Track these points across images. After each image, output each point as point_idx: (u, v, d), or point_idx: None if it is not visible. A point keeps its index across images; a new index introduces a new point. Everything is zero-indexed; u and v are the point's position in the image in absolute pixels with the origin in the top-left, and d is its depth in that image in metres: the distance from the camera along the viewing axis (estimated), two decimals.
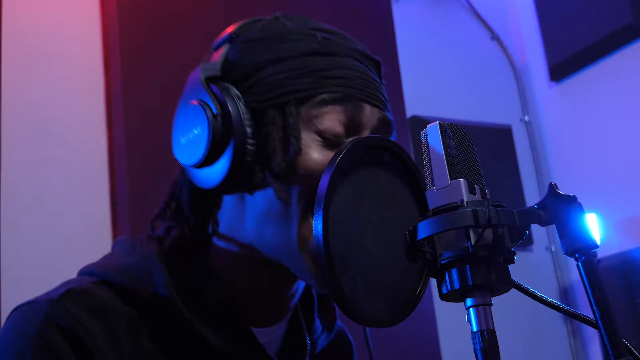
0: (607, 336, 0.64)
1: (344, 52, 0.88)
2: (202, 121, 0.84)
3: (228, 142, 0.83)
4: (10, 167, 2.08)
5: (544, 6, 3.39)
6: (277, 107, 0.85)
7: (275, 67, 0.86)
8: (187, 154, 0.86)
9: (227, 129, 0.83)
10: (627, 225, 3.05)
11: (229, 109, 0.84)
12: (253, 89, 0.86)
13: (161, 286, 0.86)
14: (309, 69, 0.86)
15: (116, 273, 0.88)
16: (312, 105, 0.85)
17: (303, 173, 0.84)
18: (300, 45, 0.87)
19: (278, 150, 0.84)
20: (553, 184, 0.69)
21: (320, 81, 0.85)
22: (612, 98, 3.17)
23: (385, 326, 0.78)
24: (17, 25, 2.22)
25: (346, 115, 0.85)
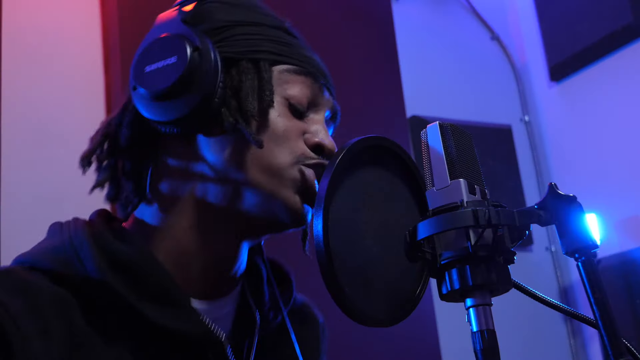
0: (607, 336, 0.64)
1: (302, 40, 0.95)
2: (180, 51, 0.83)
3: (201, 76, 0.83)
4: (10, 167, 2.08)
5: (544, 6, 3.39)
6: (251, 61, 0.87)
7: (248, 29, 0.89)
8: (151, 81, 0.84)
9: (202, 64, 0.83)
10: (627, 225, 3.05)
11: (209, 47, 0.84)
12: (226, 42, 0.88)
13: (90, 263, 0.81)
14: (279, 39, 0.90)
15: (43, 256, 0.84)
16: (284, 70, 0.89)
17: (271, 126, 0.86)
18: (271, 20, 0.93)
19: (250, 96, 0.85)
20: (553, 184, 0.69)
21: (292, 52, 0.90)
22: (612, 98, 3.17)
23: (385, 326, 0.78)
24: (17, 25, 2.22)
25: (310, 91, 0.91)
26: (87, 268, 0.81)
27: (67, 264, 0.82)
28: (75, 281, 0.81)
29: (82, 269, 0.81)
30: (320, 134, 0.90)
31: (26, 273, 0.82)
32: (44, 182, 2.15)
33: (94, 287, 0.81)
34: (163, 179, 0.90)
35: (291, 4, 2.62)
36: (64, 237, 0.86)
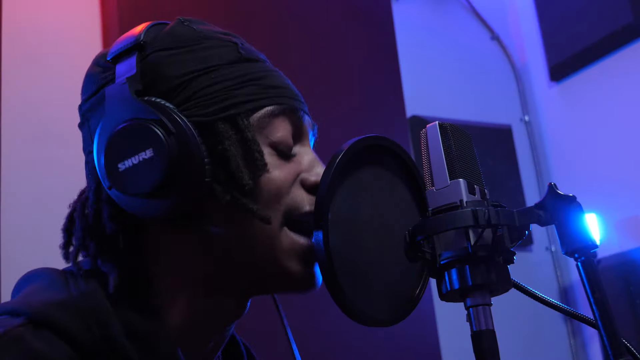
0: (607, 336, 0.64)
1: (260, 57, 0.86)
2: (155, 142, 0.74)
3: (186, 164, 0.74)
4: (10, 167, 2.08)
5: (544, 6, 3.39)
6: (226, 120, 0.78)
7: (208, 78, 0.79)
8: (131, 182, 0.75)
9: (183, 149, 0.74)
10: (627, 225, 3.05)
11: (180, 126, 0.74)
12: (189, 103, 0.78)
13: (113, 329, 0.74)
14: (245, 77, 0.81)
15: (49, 311, 0.74)
16: (261, 116, 0.80)
17: (271, 186, 0.79)
18: (224, 52, 0.82)
19: (241, 167, 0.77)
20: (553, 184, 0.69)
21: (263, 91, 0.81)
22: (612, 98, 3.17)
23: (385, 326, 0.79)
24: (17, 25, 2.22)
25: (292, 126, 0.83)
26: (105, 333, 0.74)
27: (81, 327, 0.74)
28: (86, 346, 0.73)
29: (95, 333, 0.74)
30: (315, 169, 0.83)
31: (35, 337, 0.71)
32: (44, 182, 2.15)
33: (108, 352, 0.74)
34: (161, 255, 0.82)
35: (291, 4, 2.63)
36: (72, 292, 0.77)
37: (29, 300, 0.76)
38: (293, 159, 0.84)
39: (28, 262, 2.28)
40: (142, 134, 0.75)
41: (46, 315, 0.73)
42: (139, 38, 0.81)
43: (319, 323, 2.00)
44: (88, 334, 0.73)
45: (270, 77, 0.83)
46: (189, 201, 0.76)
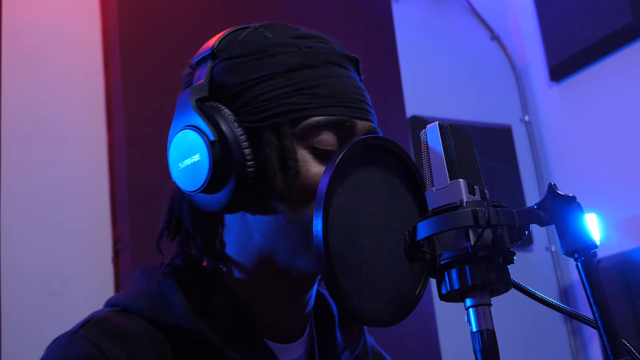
0: (607, 336, 0.64)
1: (328, 60, 0.90)
2: (201, 148, 0.84)
3: (229, 168, 0.84)
4: (10, 167, 2.08)
5: (544, 6, 3.39)
6: (272, 127, 0.85)
7: (263, 86, 0.86)
8: (187, 180, 0.86)
9: (226, 154, 0.84)
10: (627, 225, 3.05)
11: (225, 134, 0.84)
12: (244, 109, 0.86)
13: (179, 307, 0.86)
14: (297, 86, 0.86)
15: (134, 299, 0.89)
16: (305, 126, 0.86)
17: (302, 190, 0.85)
18: (285, 58, 0.88)
19: (277, 173, 0.84)
20: (552, 184, 0.69)
21: (311, 100, 0.86)
22: (612, 98, 3.17)
23: (386, 326, 0.79)
24: (17, 25, 2.22)
25: (339, 133, 0.87)
26: (177, 313, 0.86)
27: (158, 308, 0.87)
28: (166, 324, 0.86)
29: (172, 314, 0.87)
30: None
31: (120, 317, 0.87)
32: (43, 182, 2.15)
33: (184, 331, 0.86)
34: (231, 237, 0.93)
35: (291, 5, 2.63)
36: (152, 282, 0.91)
37: (122, 293, 0.94)
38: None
39: (28, 262, 2.29)
40: (191, 141, 0.85)
41: (131, 303, 0.90)
42: (214, 47, 0.90)
43: None
44: (163, 314, 0.87)
45: (327, 85, 0.88)
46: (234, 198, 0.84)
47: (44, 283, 2.03)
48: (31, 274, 2.03)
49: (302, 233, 0.85)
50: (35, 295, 2.02)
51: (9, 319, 1.93)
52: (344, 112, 0.87)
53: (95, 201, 2.20)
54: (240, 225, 0.91)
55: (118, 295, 0.93)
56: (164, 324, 0.86)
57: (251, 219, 0.89)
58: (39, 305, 2.02)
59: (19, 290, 1.99)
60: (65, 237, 2.12)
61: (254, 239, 0.89)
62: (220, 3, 2.40)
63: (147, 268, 0.95)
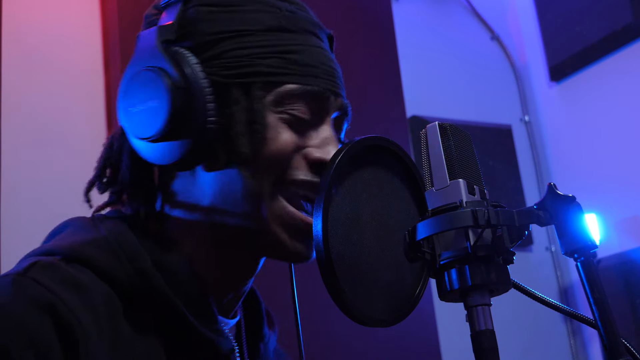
0: (607, 336, 0.64)
1: (307, 28, 0.86)
2: (161, 92, 0.77)
3: (189, 119, 0.78)
4: (10, 167, 2.08)
5: (544, 6, 3.38)
6: (242, 86, 0.81)
7: (239, 41, 0.81)
8: (138, 125, 0.79)
9: (188, 104, 0.77)
10: (627, 225, 3.05)
11: (190, 82, 0.78)
12: (214, 61, 0.81)
13: (140, 262, 0.78)
14: (275, 48, 0.82)
15: (81, 249, 0.78)
16: (279, 93, 0.82)
17: (269, 156, 0.81)
18: (265, 17, 0.83)
19: (243, 134, 0.79)
20: (552, 184, 0.69)
21: (287, 65, 0.82)
22: (612, 98, 3.17)
23: (385, 326, 0.79)
24: (17, 25, 2.22)
25: (313, 104, 0.84)
26: (137, 267, 0.78)
27: (112, 260, 0.78)
28: (118, 278, 0.77)
29: (129, 267, 0.77)
30: (327, 147, 0.84)
31: (68, 266, 0.75)
32: (44, 182, 2.15)
33: (139, 287, 0.77)
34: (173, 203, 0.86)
35: None
36: (101, 232, 0.81)
37: (60, 243, 0.80)
38: (305, 132, 0.84)
39: None
40: (154, 82, 0.78)
41: (79, 252, 0.77)
42: None
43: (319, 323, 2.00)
44: (121, 268, 0.77)
45: (304, 53, 0.84)
46: (189, 153, 0.78)
47: None
48: None
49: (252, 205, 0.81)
50: None
51: None
52: (320, 84, 0.84)
53: (95, 201, 2.19)
54: (189, 183, 0.84)
55: (52, 245, 0.81)
56: (118, 278, 0.76)
57: (204, 179, 0.83)
58: None
59: None
60: None
61: (202, 202, 0.83)
62: None
63: (82, 218, 0.85)
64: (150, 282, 0.78)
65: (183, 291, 0.80)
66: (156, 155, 0.80)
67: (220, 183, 0.82)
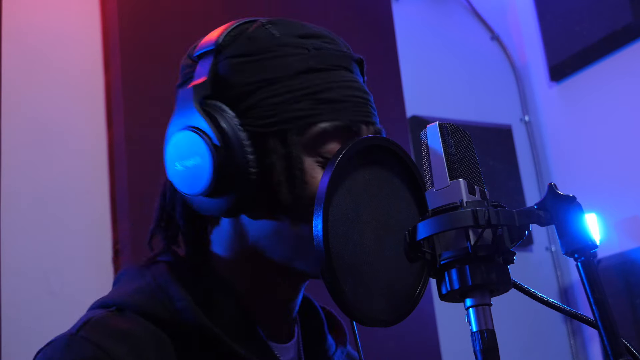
0: (607, 336, 0.64)
1: (336, 63, 0.87)
2: (203, 153, 0.81)
3: (231, 174, 0.81)
4: (10, 167, 2.08)
5: (544, 6, 3.39)
6: (278, 134, 0.83)
7: (270, 89, 0.83)
8: (185, 181, 0.83)
9: (230, 160, 0.81)
10: (627, 225, 3.05)
11: (230, 139, 0.81)
12: (249, 112, 0.83)
13: (180, 301, 0.83)
14: (305, 90, 0.83)
15: (130, 297, 0.84)
16: (312, 133, 0.83)
17: (311, 200, 0.81)
18: (293, 61, 0.85)
19: (283, 182, 0.82)
20: (552, 184, 0.69)
21: (318, 106, 0.83)
22: (612, 98, 3.17)
23: (386, 326, 0.79)
24: (17, 25, 2.22)
25: (345, 137, 0.85)
26: (179, 307, 0.82)
27: (157, 304, 0.83)
28: (167, 320, 0.82)
29: (173, 309, 0.82)
30: None
31: (118, 317, 0.82)
32: (43, 182, 2.15)
33: (186, 326, 0.82)
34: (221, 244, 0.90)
35: (292, 5, 2.63)
36: (146, 278, 0.86)
37: (114, 294, 0.87)
38: None
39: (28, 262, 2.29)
40: (195, 142, 0.82)
41: (127, 302, 0.84)
42: (218, 41, 0.85)
43: None
44: (165, 311, 0.82)
45: (334, 90, 0.85)
46: (233, 205, 0.82)
47: (44, 283, 2.03)
48: (31, 274, 2.03)
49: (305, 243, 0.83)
50: (35, 295, 2.02)
51: (9, 319, 1.93)
52: (350, 116, 0.85)
53: (95, 201, 2.20)
54: (235, 225, 0.88)
55: (109, 296, 0.87)
56: (165, 320, 0.82)
57: (248, 222, 0.86)
58: (39, 305, 2.02)
59: (19, 290, 1.99)
60: (65, 237, 2.12)
61: (247, 238, 0.87)
62: (221, 3, 2.40)
63: (135, 267, 0.90)
64: (193, 318, 0.82)
65: (230, 325, 0.84)
66: (203, 208, 0.84)
67: (265, 227, 0.85)
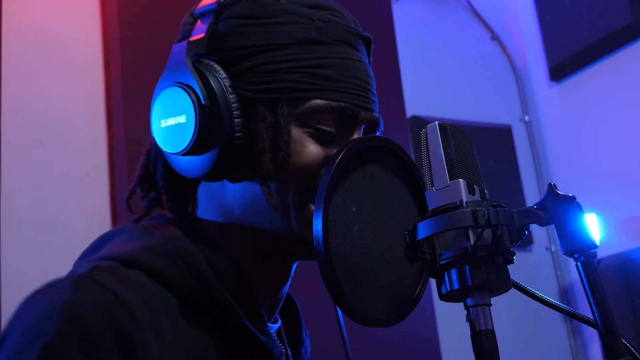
0: (607, 336, 0.64)
1: (340, 38, 0.84)
2: (188, 110, 0.79)
3: (215, 136, 0.79)
4: (10, 167, 2.08)
5: (544, 6, 3.39)
6: (268, 102, 0.81)
7: (268, 55, 0.81)
8: (168, 140, 0.81)
9: (215, 121, 0.79)
10: (627, 225, 3.05)
11: (217, 99, 0.79)
12: (242, 76, 0.81)
13: (199, 266, 0.79)
14: (304, 62, 0.81)
15: (141, 255, 0.78)
16: (305, 108, 0.81)
17: (295, 170, 0.81)
18: (296, 29, 0.82)
19: (266, 151, 0.80)
20: (552, 184, 0.69)
21: (315, 81, 0.81)
22: (612, 98, 3.17)
23: (386, 326, 0.79)
24: (17, 25, 2.22)
25: (339, 118, 0.83)
26: (195, 272, 0.79)
27: (171, 266, 0.78)
28: (178, 284, 0.78)
29: (186, 274, 0.78)
30: None
31: (127, 270, 0.76)
32: (44, 182, 2.15)
33: (198, 291, 0.78)
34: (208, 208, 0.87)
35: None
36: (157, 239, 0.81)
37: (116, 250, 0.80)
38: (332, 144, 0.83)
39: (28, 262, 2.29)
40: (182, 99, 0.80)
41: (136, 259, 0.77)
42: (220, 1, 0.83)
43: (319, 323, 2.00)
44: (180, 274, 0.78)
45: (335, 67, 0.83)
46: (215, 167, 0.80)
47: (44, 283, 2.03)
48: (31, 274, 2.03)
49: (282, 216, 0.82)
50: None
51: None
52: (347, 99, 0.83)
53: (95, 201, 2.20)
54: (218, 194, 0.85)
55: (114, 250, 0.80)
56: (174, 283, 0.78)
57: (231, 190, 0.84)
58: None
59: (19, 290, 1.99)
60: (65, 237, 2.12)
61: (232, 211, 0.85)
62: None
63: (133, 225, 0.86)
64: (209, 286, 0.79)
65: (236, 294, 0.81)
66: (184, 168, 0.82)
67: (249, 193, 0.83)
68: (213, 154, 0.80)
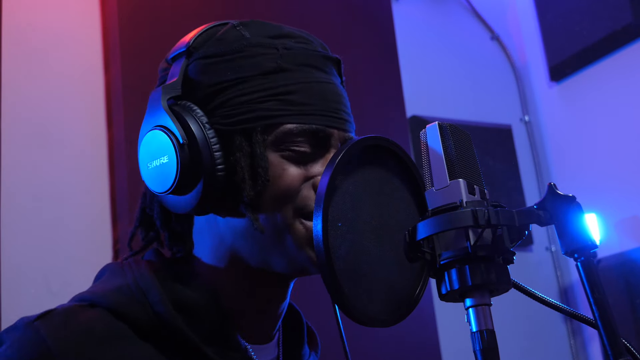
0: (607, 336, 0.64)
1: (306, 62, 0.87)
2: (169, 151, 0.83)
3: (197, 171, 0.83)
4: (10, 167, 2.08)
5: (544, 6, 3.38)
6: (243, 132, 0.84)
7: (238, 88, 0.85)
8: (155, 181, 0.85)
9: (195, 157, 0.83)
10: (627, 225, 3.05)
11: (195, 137, 0.83)
12: (217, 111, 0.85)
13: (158, 304, 0.84)
14: (272, 90, 0.85)
15: (109, 295, 0.85)
16: (278, 133, 0.85)
17: (277, 193, 0.84)
18: (261, 60, 0.86)
19: (247, 179, 0.83)
20: (552, 184, 0.69)
21: (285, 107, 0.85)
22: (612, 98, 3.17)
23: (386, 326, 0.79)
24: (17, 25, 2.22)
25: (313, 142, 0.86)
26: (157, 310, 0.83)
27: (134, 305, 0.84)
28: (137, 320, 0.83)
29: (150, 311, 0.83)
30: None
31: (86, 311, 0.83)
32: (43, 183, 2.15)
33: (159, 326, 0.83)
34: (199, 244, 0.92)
35: (292, 5, 2.63)
36: (127, 278, 0.87)
37: (92, 290, 0.88)
38: (310, 164, 0.86)
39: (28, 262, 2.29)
40: (161, 141, 0.84)
41: (102, 298, 0.85)
42: (189, 44, 0.88)
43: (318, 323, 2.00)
44: (142, 310, 0.83)
45: (302, 91, 0.86)
46: (201, 202, 0.84)
47: (44, 283, 2.03)
48: (31, 274, 2.03)
49: (272, 239, 0.85)
50: (35, 295, 2.01)
51: (9, 319, 1.93)
52: (319, 121, 0.86)
53: (95, 201, 2.20)
54: (212, 227, 0.89)
55: (88, 291, 0.89)
56: (141, 321, 0.83)
57: (221, 221, 0.88)
58: (39, 305, 2.01)
59: (19, 290, 1.99)
60: (65, 237, 2.12)
61: (225, 241, 0.88)
62: (221, 3, 2.40)
63: (118, 264, 0.91)
64: (168, 321, 0.83)
65: (203, 326, 0.85)
66: (175, 205, 0.86)
67: (238, 222, 0.87)
68: (198, 188, 0.83)
